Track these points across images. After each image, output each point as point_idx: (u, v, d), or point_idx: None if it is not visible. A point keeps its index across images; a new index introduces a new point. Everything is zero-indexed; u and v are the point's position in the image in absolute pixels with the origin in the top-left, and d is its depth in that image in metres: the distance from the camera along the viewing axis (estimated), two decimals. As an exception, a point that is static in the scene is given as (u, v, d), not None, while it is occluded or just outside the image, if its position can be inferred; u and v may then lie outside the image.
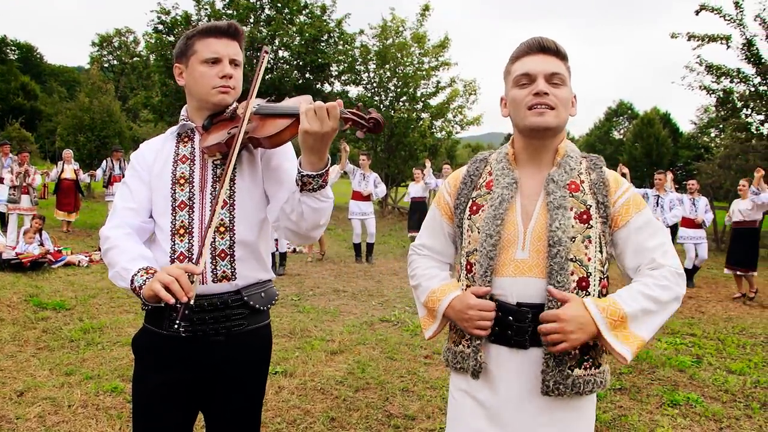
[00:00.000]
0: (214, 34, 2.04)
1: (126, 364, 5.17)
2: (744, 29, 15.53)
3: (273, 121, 1.94)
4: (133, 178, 2.13)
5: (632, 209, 1.88)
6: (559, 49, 1.91)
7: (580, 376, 1.82)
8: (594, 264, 1.84)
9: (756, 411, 4.61)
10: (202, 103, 2.08)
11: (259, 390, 2.17)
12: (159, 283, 1.75)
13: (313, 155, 1.83)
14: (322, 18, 21.48)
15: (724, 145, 34.37)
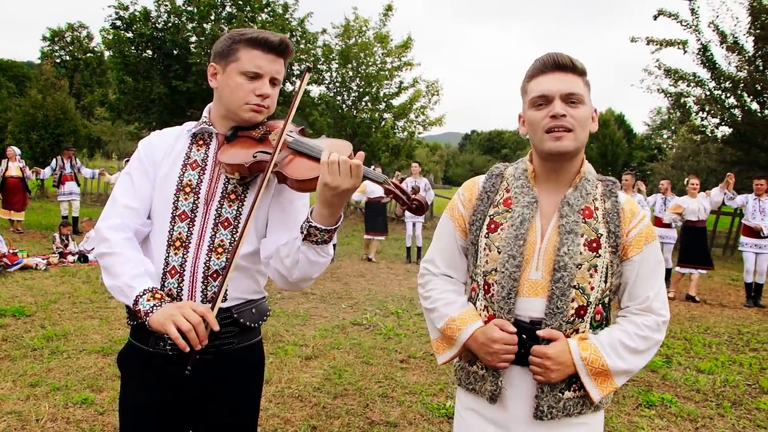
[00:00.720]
0: (262, 46, 1.90)
1: (94, 373, 5.00)
2: (700, 35, 15.96)
3: (305, 162, 1.82)
4: (139, 171, 1.98)
5: (643, 242, 1.86)
6: (575, 65, 1.84)
7: (570, 399, 1.83)
8: (596, 293, 1.83)
9: (728, 410, 4.72)
10: (230, 114, 1.96)
11: (251, 410, 2.07)
12: (174, 326, 1.67)
13: (327, 209, 1.74)
14: (284, 16, 21.21)
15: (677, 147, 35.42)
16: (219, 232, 1.90)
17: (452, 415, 4.39)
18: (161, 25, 19.88)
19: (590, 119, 1.87)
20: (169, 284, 1.88)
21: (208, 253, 1.88)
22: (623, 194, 1.94)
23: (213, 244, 1.89)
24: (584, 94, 1.83)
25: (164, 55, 20.03)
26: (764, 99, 15.80)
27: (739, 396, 5.04)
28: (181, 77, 19.19)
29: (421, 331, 6.86)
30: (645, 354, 1.84)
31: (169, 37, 19.52)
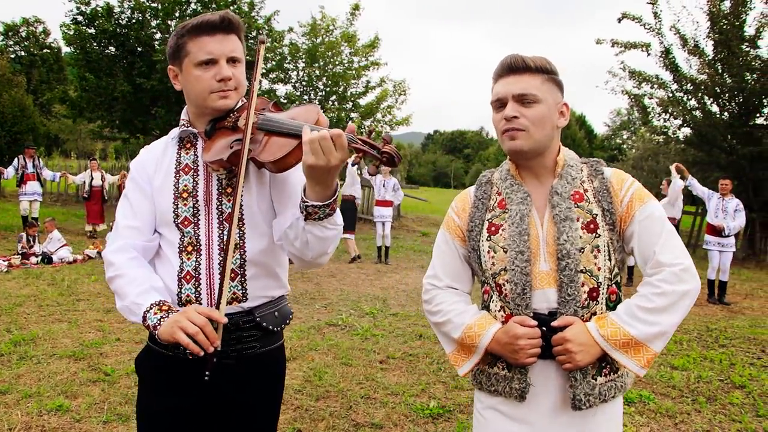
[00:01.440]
0: (206, 30, 1.81)
1: (67, 378, 4.86)
2: (662, 38, 16.30)
3: (278, 141, 1.75)
4: (134, 191, 1.95)
5: (636, 203, 1.87)
6: (528, 65, 1.86)
7: (603, 384, 1.84)
8: (604, 273, 1.85)
9: (704, 405, 4.82)
10: (202, 109, 1.90)
11: (273, 416, 2.03)
12: (182, 332, 1.63)
13: (319, 185, 1.67)
14: (251, 14, 20.99)
15: (636, 147, 36.17)
16: (226, 229, 1.85)
17: (437, 416, 4.41)
18: (124, 21, 19.44)
19: (550, 116, 1.88)
20: (186, 290, 1.84)
21: (220, 253, 1.84)
22: (608, 169, 1.96)
23: (222, 242, 1.85)
24: (539, 92, 1.85)
25: (128, 52, 19.61)
26: (723, 101, 16.23)
27: (713, 391, 5.16)
28: (145, 75, 18.82)
29: (398, 331, 6.86)
30: (672, 309, 1.77)
31: (132, 34, 19.12)
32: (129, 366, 5.17)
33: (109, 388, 4.70)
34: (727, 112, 16.34)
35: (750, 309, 9.28)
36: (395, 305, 8.36)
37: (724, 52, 15.61)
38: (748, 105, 15.73)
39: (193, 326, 1.64)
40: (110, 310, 7.27)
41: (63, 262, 10.59)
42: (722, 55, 15.75)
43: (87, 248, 11.61)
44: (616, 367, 1.87)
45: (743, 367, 5.91)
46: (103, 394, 4.58)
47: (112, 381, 4.83)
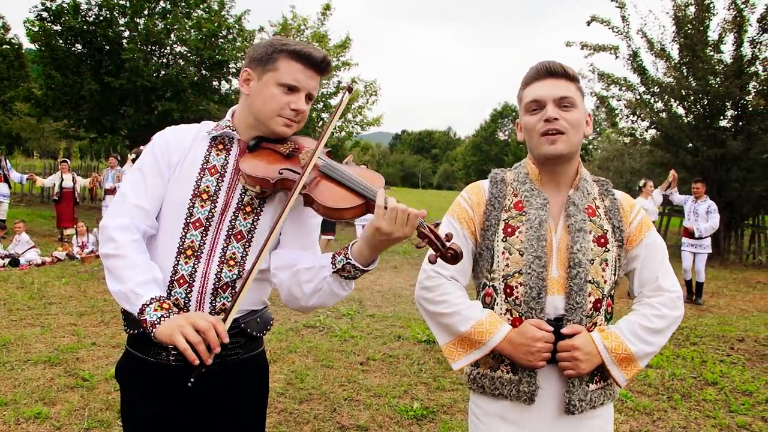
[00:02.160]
0: (303, 60, 1.84)
1: (44, 385, 4.77)
2: (630, 41, 16.61)
3: (336, 190, 1.76)
4: (153, 170, 1.87)
5: (644, 229, 1.99)
6: (567, 72, 1.94)
7: (594, 391, 1.92)
8: (608, 286, 1.92)
9: (679, 402, 4.94)
10: (259, 124, 1.89)
11: (258, 422, 2.02)
12: (183, 337, 1.60)
13: (371, 251, 1.71)
14: (221, 13, 20.80)
15: (602, 148, 36.75)
16: (231, 244, 1.84)
17: (421, 417, 4.44)
18: (92, 18, 19.09)
19: (584, 123, 1.96)
20: (176, 293, 1.81)
21: (219, 265, 1.83)
22: (618, 192, 2.05)
23: (225, 255, 1.84)
24: (576, 98, 1.92)
25: (95, 50, 19.30)
26: (689, 104, 16.60)
27: (687, 388, 5.29)
28: (114, 73, 18.52)
29: (376, 332, 6.87)
30: (665, 332, 1.92)
31: (100, 32, 18.79)
32: (107, 371, 5.10)
33: (88, 394, 4.63)
34: (693, 115, 16.70)
35: (717, 307, 9.53)
36: (371, 306, 8.37)
37: (689, 56, 15.95)
38: (712, 108, 16.10)
39: (195, 335, 1.61)
40: (84, 313, 7.15)
41: (31, 264, 10.37)
42: (687, 59, 16.10)
43: (56, 250, 11.38)
44: (606, 376, 1.94)
45: (714, 364, 6.07)
46: (83, 400, 4.51)
47: (91, 386, 4.76)
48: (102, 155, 25.78)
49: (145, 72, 18.53)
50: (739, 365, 6.13)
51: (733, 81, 15.20)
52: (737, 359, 6.33)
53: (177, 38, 20.12)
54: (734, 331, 7.60)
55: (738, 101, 15.87)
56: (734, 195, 16.02)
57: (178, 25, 19.45)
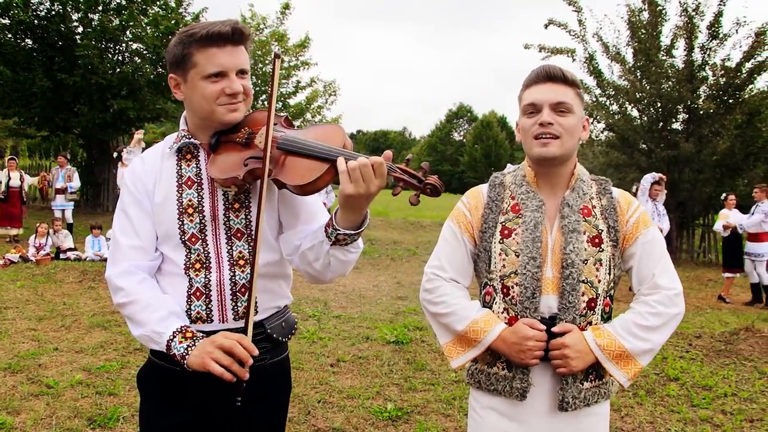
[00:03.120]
0: (216, 42, 1.72)
1: (6, 393, 4.62)
2: (586, 45, 16.98)
3: (302, 163, 1.70)
4: (134, 206, 1.85)
5: (641, 227, 2.01)
6: (566, 77, 1.97)
7: (588, 389, 1.96)
8: (603, 286, 1.96)
9: (644, 398, 5.09)
10: (207, 121, 1.83)
11: (281, 427, 2.01)
12: (215, 363, 1.62)
13: (354, 213, 1.68)
14: (178, 11, 20.43)
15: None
16: (235, 244, 1.83)
17: (396, 418, 4.46)
18: (43, 12, 18.50)
19: (580, 128, 2.00)
20: (197, 307, 1.80)
21: (231, 268, 1.81)
22: (616, 190, 2.08)
23: (233, 257, 1.82)
24: (573, 104, 1.96)
25: (47, 45, 18.70)
26: (643, 107, 17.07)
27: (651, 385, 5.45)
28: (67, 70, 17.96)
29: (344, 334, 6.87)
30: (662, 329, 1.94)
31: (52, 27, 18.22)
32: (73, 377, 4.97)
33: (54, 401, 4.50)
34: (647, 117, 17.19)
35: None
36: (336, 307, 8.36)
37: (643, 60, 16.40)
38: (665, 111, 16.60)
39: (225, 357, 1.63)
40: (43, 318, 6.95)
41: (-18, 267, 10.02)
42: (641, 63, 16.55)
43: (8, 252, 11.02)
44: (601, 374, 1.99)
45: (674, 361, 6.26)
46: (49, 408, 4.39)
47: (57, 394, 4.64)
48: (52, 154, 25.02)
49: (100, 69, 18.05)
50: (698, 361, 6.34)
51: (685, 85, 15.70)
52: (696, 355, 6.55)
53: (133, 35, 19.69)
54: (691, 328, 7.86)
55: (689, 105, 16.39)
56: (686, 196, 16.53)
57: (134, 22, 19.03)
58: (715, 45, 15.94)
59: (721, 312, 9.46)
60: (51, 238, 11.53)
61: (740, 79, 15.69)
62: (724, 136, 15.84)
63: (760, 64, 15.48)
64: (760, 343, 6.86)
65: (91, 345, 5.96)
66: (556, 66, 1.98)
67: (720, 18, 15.72)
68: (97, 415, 4.26)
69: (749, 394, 5.34)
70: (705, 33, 15.96)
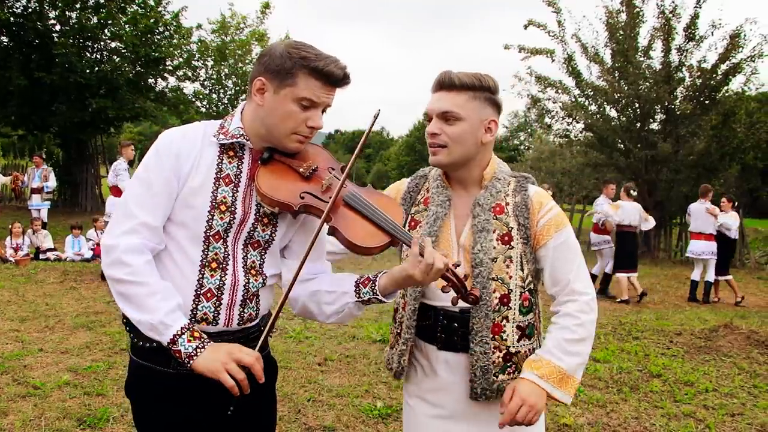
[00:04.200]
0: (324, 78, 1.73)
1: (-7, 393, 4.57)
2: (565, 45, 17.18)
3: (363, 225, 1.76)
4: (160, 181, 1.74)
5: (552, 229, 2.01)
6: (454, 82, 1.96)
7: (504, 381, 2.00)
8: (515, 281, 1.99)
9: (628, 394, 5.18)
10: (272, 138, 1.80)
11: (273, 416, 2.05)
12: (228, 375, 1.63)
13: (397, 288, 1.80)
14: (157, 9, 20.26)
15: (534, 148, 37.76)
16: (249, 252, 1.83)
17: (386, 416, 4.49)
18: (19, 10, 18.24)
19: (473, 133, 1.98)
20: (204, 308, 1.77)
21: (245, 275, 1.81)
22: (534, 187, 2.08)
23: (246, 265, 1.82)
24: (462, 110, 1.95)
25: (24, 43, 18.44)
26: (621, 107, 17.31)
27: (635, 381, 5.55)
28: (44, 68, 17.73)
29: (330, 333, 6.88)
30: (588, 339, 1.96)
31: (29, 24, 17.97)
32: (59, 378, 4.93)
33: (42, 402, 4.46)
34: (625, 117, 17.44)
35: (652, 303, 9.98)
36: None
37: (621, 61, 16.65)
38: (643, 111, 16.86)
39: (240, 371, 1.64)
40: (26, 318, 6.87)
41: (-40, 268, 9.87)
42: (619, 64, 16.80)
43: (-14, 253, 10.86)
44: (521, 367, 2.02)
45: (657, 357, 6.38)
46: (37, 409, 4.35)
47: (45, 395, 4.60)
48: (27, 153, 24.68)
49: (79, 68, 17.86)
50: (679, 357, 6.46)
51: (662, 86, 15.97)
52: (677, 352, 6.67)
53: (111, 34, 19.52)
54: (671, 325, 8.00)
55: (667, 105, 16.66)
56: (663, 195, 16.80)
57: (113, 20, 18.86)
58: (692, 47, 16.27)
59: (700, 310, 9.64)
60: (30, 238, 11.38)
61: (716, 81, 16.04)
62: (700, 137, 16.15)
63: (735, 65, 15.80)
64: (738, 340, 7.01)
65: (77, 346, 5.91)
66: (448, 72, 1.98)
67: (696, 20, 16.03)
68: (87, 416, 4.23)
69: (729, 389, 5.47)
70: (682, 35, 16.28)
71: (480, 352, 1.95)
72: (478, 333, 1.95)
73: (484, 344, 1.95)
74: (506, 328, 1.99)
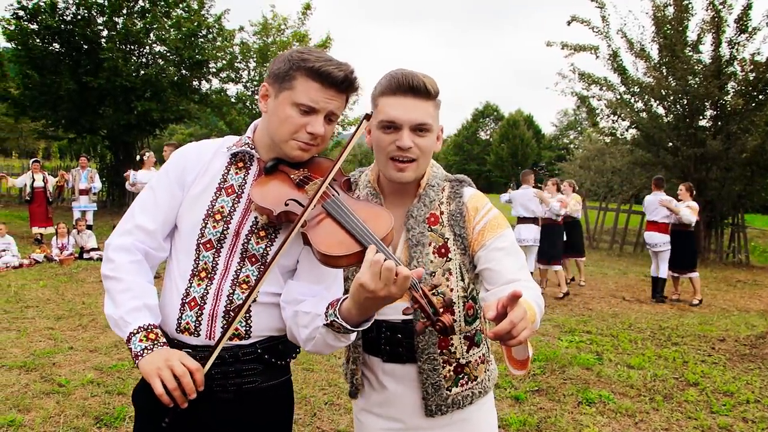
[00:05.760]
0: (322, 80, 1.66)
1: (19, 391, 4.66)
2: (610, 41, 16.70)
3: (336, 232, 1.60)
4: (164, 189, 1.79)
5: (487, 234, 1.85)
6: (428, 90, 1.79)
7: (458, 393, 1.91)
8: (456, 292, 1.88)
9: (661, 404, 4.94)
10: (275, 147, 1.76)
11: None
12: (159, 381, 1.55)
13: (357, 310, 1.53)
14: (201, 13, 20.62)
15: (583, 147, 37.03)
16: (245, 266, 1.74)
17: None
18: (69, 17, 18.82)
19: (434, 144, 1.86)
20: (187, 317, 1.72)
21: (232, 286, 1.72)
22: (469, 191, 1.94)
23: (237, 278, 1.73)
24: (433, 121, 1.81)
25: (73, 49, 19.04)
26: (669, 104, 16.74)
27: (669, 389, 5.30)
28: (92, 73, 18.28)
29: (358, 334, 6.82)
30: (537, 321, 1.66)
31: (78, 31, 18.54)
32: (84, 376, 5.00)
33: (64, 400, 4.53)
34: (673, 114, 16.85)
35: (698, 306, 9.58)
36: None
37: (669, 56, 16.08)
38: (692, 108, 16.24)
39: (172, 380, 1.55)
40: (61, 317, 7.03)
41: (8, 267, 10.18)
42: (667, 59, 16.22)
43: (33, 252, 11.19)
44: (474, 376, 1.93)
45: (695, 365, 6.10)
46: (58, 406, 4.41)
47: (67, 392, 4.66)
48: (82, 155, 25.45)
49: (124, 71, 18.31)
50: (720, 365, 6.16)
51: (712, 81, 15.35)
52: (718, 359, 6.37)
53: (156, 37, 19.95)
54: (715, 330, 7.66)
55: (717, 101, 16.02)
56: (714, 194, 16.17)
57: (158, 25, 19.27)
58: (744, 39, 15.56)
59: (749, 314, 9.21)
60: (75, 238, 11.68)
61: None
62: (753, 133, 15.43)
63: (792, 58, 15.08)
64: (786, 347, 6.66)
65: (105, 344, 6.00)
66: (419, 77, 1.78)
67: (749, 11, 15.34)
68: (104, 414, 4.27)
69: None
70: (733, 27, 15.59)
71: (429, 369, 1.86)
72: (424, 351, 1.86)
73: (432, 360, 1.86)
74: (453, 341, 1.89)
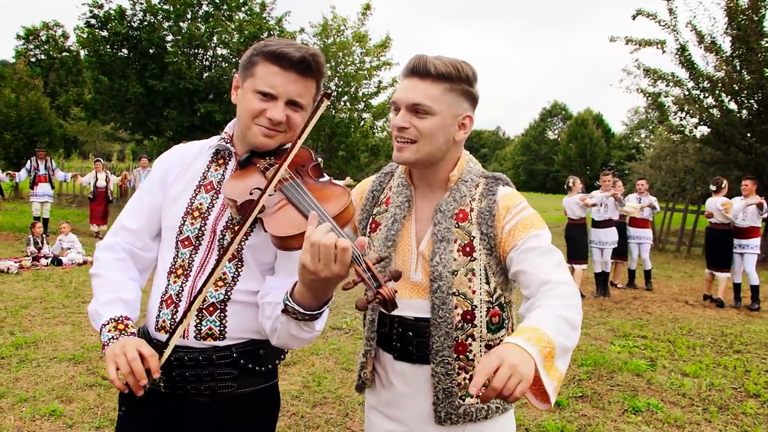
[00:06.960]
0: (279, 62, 1.63)
1: (64, 383, 4.81)
2: (678, 35, 16.02)
3: (291, 215, 1.52)
4: (147, 192, 1.84)
5: (518, 234, 1.71)
6: (430, 71, 1.70)
7: (472, 405, 1.76)
8: (480, 296, 1.76)
9: (714, 415, 4.64)
10: (243, 135, 1.75)
11: None
12: (114, 366, 1.52)
13: (308, 291, 1.44)
14: (262, 15, 21.01)
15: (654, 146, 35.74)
16: (223, 264, 1.68)
17: (435, 424, 4.28)
18: (137, 23, 19.58)
19: (445, 129, 1.73)
20: (164, 315, 1.70)
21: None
22: (505, 189, 1.82)
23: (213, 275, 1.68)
24: (435, 104, 1.70)
25: (140, 54, 19.73)
26: (742, 99, 15.91)
27: (726, 400, 4.98)
28: (158, 77, 18.93)
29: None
30: (577, 329, 1.53)
31: (144, 36, 19.24)
32: (126, 371, 5.11)
33: (104, 392, 4.64)
34: (746, 110, 16.00)
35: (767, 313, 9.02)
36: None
37: (743, 49, 15.27)
38: (767, 102, 15.38)
39: (126, 365, 1.51)
40: (114, 313, 7.23)
41: (73, 264, 10.60)
42: (740, 52, 15.42)
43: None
44: None
45: (758, 375, 5.71)
46: (98, 399, 4.52)
47: (109, 386, 4.77)
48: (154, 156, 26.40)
49: (188, 75, 18.85)
50: (786, 375, 5.76)
51: (790, 74, 14.51)
52: (784, 368, 5.96)
53: (219, 41, 20.41)
54: (784, 338, 7.18)
55: (795, 95, 15.12)
56: (791, 194, 15.27)
57: (220, 28, 19.73)
58: (825, 29, 14.64)
59: (824, 321, 8.60)
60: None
61: None
62: (835, 130, 14.51)
63: None
64: None
65: (152, 340, 6.13)
66: (424, 58, 1.72)
67: (830, -1, 14.43)
68: (140, 410, 4.34)
69: (841, 413, 4.78)
70: (813, 16, 14.69)
71: (442, 372, 1.73)
72: (438, 352, 1.73)
73: (446, 365, 1.73)
74: (472, 347, 1.76)
